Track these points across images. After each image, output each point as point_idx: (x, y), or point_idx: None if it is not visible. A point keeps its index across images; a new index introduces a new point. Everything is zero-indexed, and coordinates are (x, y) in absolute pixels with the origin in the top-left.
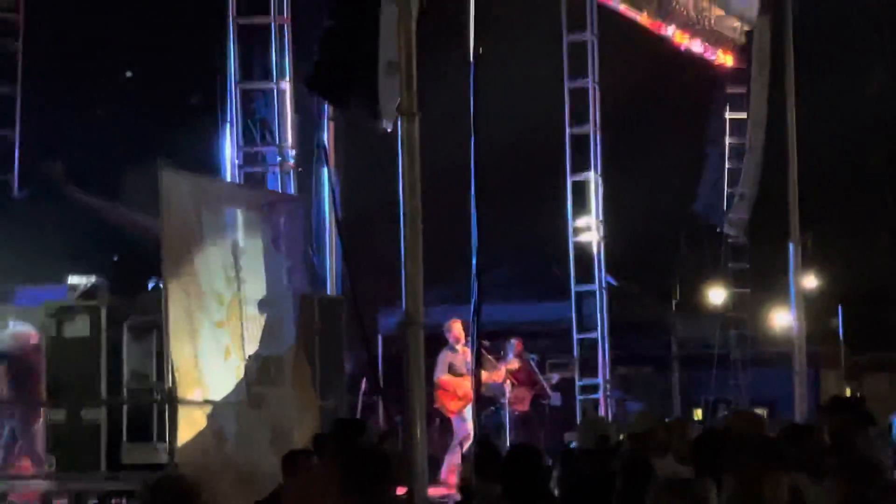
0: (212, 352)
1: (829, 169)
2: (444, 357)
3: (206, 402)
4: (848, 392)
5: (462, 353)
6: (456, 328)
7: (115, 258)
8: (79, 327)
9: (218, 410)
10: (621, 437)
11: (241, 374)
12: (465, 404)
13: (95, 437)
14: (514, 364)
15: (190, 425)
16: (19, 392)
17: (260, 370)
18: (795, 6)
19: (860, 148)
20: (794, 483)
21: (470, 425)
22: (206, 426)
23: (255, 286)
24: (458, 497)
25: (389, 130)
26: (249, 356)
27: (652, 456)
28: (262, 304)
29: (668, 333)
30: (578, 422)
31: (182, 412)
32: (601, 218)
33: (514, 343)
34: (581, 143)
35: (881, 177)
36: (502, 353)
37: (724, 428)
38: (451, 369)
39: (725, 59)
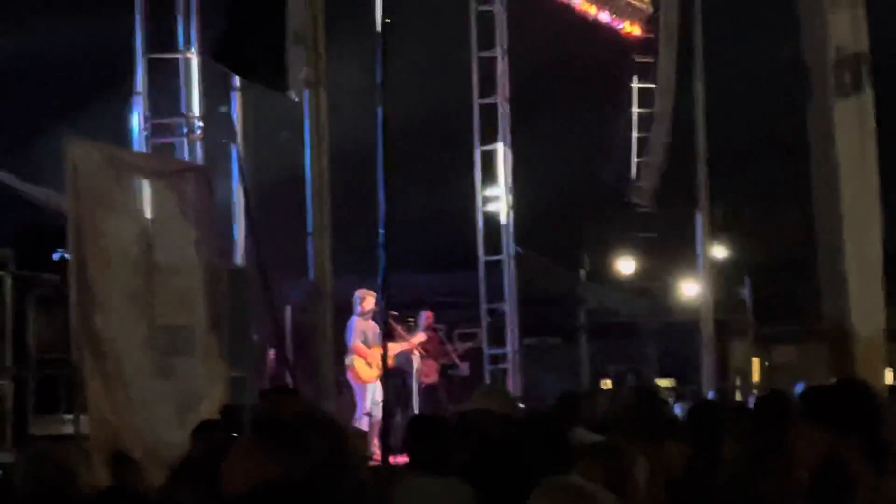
0: (123, 322)
1: (739, 138)
2: (357, 325)
3: (116, 373)
4: (755, 362)
5: (373, 324)
6: (368, 300)
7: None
8: None
9: (128, 381)
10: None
11: (151, 344)
12: (378, 374)
13: (1, 408)
14: (423, 336)
15: (99, 397)
16: None
17: (169, 340)
18: None
19: (771, 117)
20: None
21: (379, 396)
22: (115, 397)
23: (165, 256)
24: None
25: (297, 101)
26: (160, 326)
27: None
28: (173, 274)
29: (577, 304)
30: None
31: (91, 384)
32: (510, 188)
33: (425, 315)
34: (490, 114)
35: (792, 147)
36: (412, 322)
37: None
38: (364, 339)
39: (633, 29)
